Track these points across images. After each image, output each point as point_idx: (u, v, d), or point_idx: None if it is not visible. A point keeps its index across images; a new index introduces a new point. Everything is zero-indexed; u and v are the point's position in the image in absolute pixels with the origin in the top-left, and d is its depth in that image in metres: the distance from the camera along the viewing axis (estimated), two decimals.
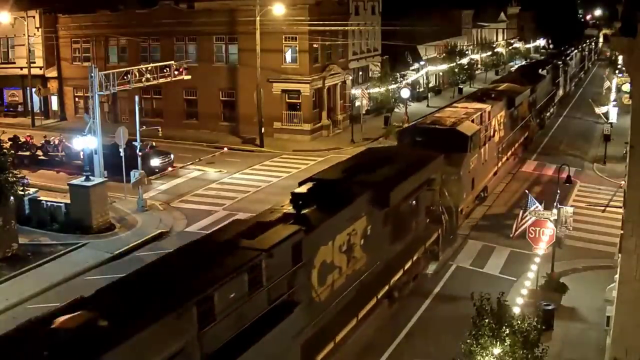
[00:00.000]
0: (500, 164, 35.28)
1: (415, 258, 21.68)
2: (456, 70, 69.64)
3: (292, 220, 15.69)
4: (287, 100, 47.82)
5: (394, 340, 19.40)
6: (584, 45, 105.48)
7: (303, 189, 18.28)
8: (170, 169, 38.36)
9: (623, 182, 22.84)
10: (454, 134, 27.34)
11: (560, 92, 62.73)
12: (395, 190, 19.29)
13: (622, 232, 15.75)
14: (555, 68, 58.72)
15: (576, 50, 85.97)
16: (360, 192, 18.14)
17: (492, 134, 33.13)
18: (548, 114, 54.78)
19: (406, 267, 21.00)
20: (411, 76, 60.06)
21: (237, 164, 40.01)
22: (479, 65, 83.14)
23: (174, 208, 32.04)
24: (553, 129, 53.58)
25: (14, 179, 25.21)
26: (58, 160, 38.53)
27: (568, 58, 72.08)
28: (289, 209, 16.73)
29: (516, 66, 72.68)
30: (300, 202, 16.93)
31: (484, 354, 14.16)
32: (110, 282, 12.92)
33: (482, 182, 31.39)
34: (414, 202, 21.74)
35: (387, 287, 19.60)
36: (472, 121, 29.87)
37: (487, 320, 14.35)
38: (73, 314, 10.89)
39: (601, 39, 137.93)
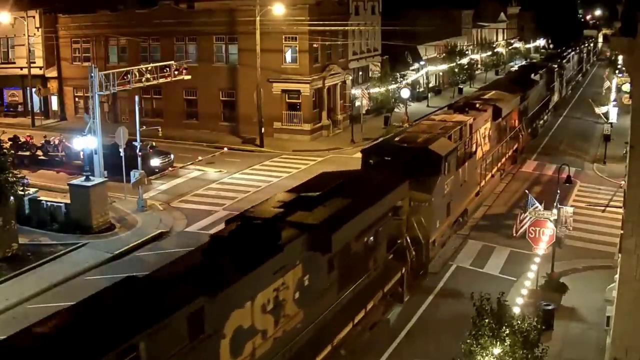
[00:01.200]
0: (483, 182, 32.03)
1: (370, 306, 18.49)
2: (456, 70, 69.65)
3: (195, 277, 12.86)
4: (287, 100, 47.82)
5: (394, 340, 19.41)
6: (582, 46, 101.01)
7: (224, 231, 15.39)
8: (170, 169, 38.36)
9: (623, 182, 22.85)
10: (425, 154, 23.72)
11: (556, 97, 59.17)
12: (341, 232, 16.02)
13: (622, 232, 15.74)
14: (549, 72, 54.87)
15: (573, 52, 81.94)
16: (294, 235, 14.98)
17: (474, 149, 29.96)
18: (542, 121, 51.53)
19: (357, 319, 17.75)
20: (411, 76, 60.05)
21: (237, 164, 40.01)
22: (479, 65, 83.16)
23: (174, 208, 32.04)
24: (553, 129, 53.58)
25: (14, 179, 25.21)
26: (58, 160, 38.53)
27: (564, 60, 68.66)
28: (200, 259, 14.00)
29: (516, 66, 72.30)
30: (215, 249, 14.21)
31: (484, 354, 14.16)
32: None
33: (460, 206, 27.43)
34: (371, 238, 18.55)
35: (329, 347, 16.28)
36: (450, 137, 26.42)
37: (487, 320, 14.35)
38: None
39: (600, 40, 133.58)
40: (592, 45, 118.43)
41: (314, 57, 47.33)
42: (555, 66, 59.15)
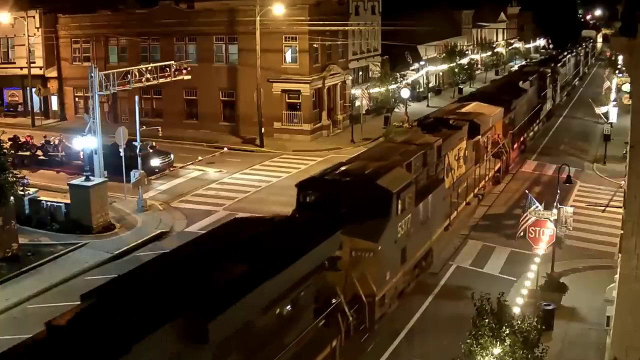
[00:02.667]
0: (456, 212, 27.17)
1: None
2: (456, 70, 69.67)
3: None
4: (287, 100, 47.82)
5: (394, 340, 19.40)
6: (579, 48, 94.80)
7: (61, 319, 11.16)
8: (170, 169, 38.36)
9: (623, 182, 22.84)
10: (372, 190, 19.23)
11: (548, 105, 54.15)
12: (226, 315, 11.83)
13: (622, 232, 15.74)
14: (541, 78, 49.81)
15: (570, 55, 76.34)
16: (157, 324, 10.83)
17: (443, 175, 25.52)
18: (532, 132, 46.85)
19: None
20: (411, 76, 60.05)
21: (237, 164, 40.00)
22: (479, 65, 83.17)
23: (174, 208, 32.04)
24: (553, 129, 53.59)
25: (14, 179, 25.18)
26: (58, 160, 38.53)
27: (559, 64, 63.27)
28: None
29: (516, 66, 72.29)
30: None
31: (484, 354, 14.15)
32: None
33: (421, 248, 22.55)
34: (288, 307, 14.45)
35: None
36: (409, 166, 22.06)
37: (487, 320, 14.34)
38: None
39: (599, 41, 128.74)
40: (590, 47, 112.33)
41: (314, 57, 47.33)
42: (549, 71, 54.29)
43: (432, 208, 23.13)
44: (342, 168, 21.38)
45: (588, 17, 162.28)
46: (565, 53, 76.35)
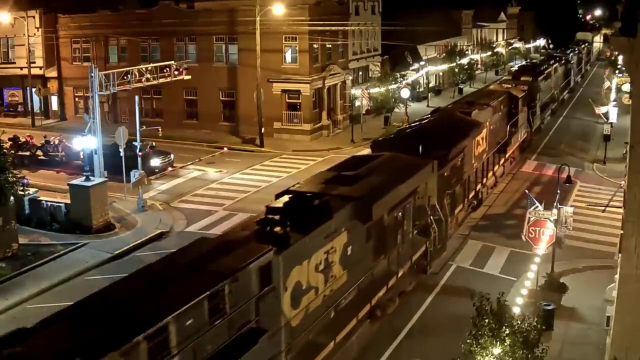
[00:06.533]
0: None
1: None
2: (456, 70, 69.70)
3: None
4: (287, 100, 47.82)
5: (394, 340, 19.40)
6: (570, 53, 76.78)
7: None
8: (170, 169, 38.36)
9: (623, 182, 22.83)
10: None
11: (522, 134, 41.11)
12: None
13: (622, 232, 15.75)
14: (511, 101, 37.90)
15: (557, 64, 60.27)
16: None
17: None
18: (491, 180, 34.61)
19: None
20: (411, 76, 60.04)
21: (237, 164, 40.01)
22: (479, 65, 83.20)
23: (174, 208, 32.04)
24: (553, 129, 53.58)
25: (14, 179, 25.20)
26: (58, 160, 38.54)
27: (541, 78, 49.14)
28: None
29: (515, 66, 71.34)
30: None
31: (484, 354, 14.16)
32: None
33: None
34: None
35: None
36: None
37: (487, 320, 14.35)
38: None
39: (596, 42, 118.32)
40: (584, 51, 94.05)
41: (314, 57, 47.34)
42: (523, 90, 40.84)
43: None
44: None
45: (588, 17, 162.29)
46: (552, 61, 59.87)
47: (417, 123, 31.18)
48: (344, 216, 16.94)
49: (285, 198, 17.22)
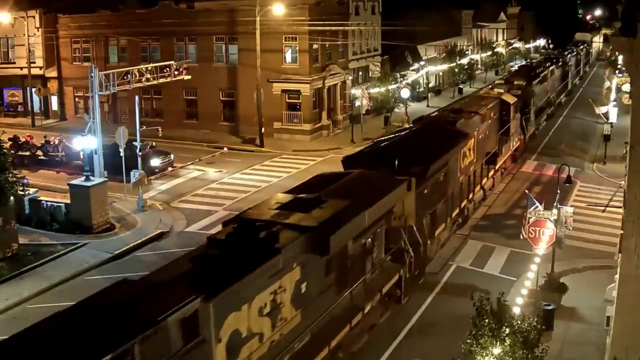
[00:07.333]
0: None
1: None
2: (456, 70, 69.70)
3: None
4: (287, 100, 47.82)
5: (394, 340, 19.40)
6: (568, 55, 74.46)
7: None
8: (170, 169, 38.36)
9: (623, 182, 22.84)
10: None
11: (513, 142, 38.70)
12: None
13: (622, 232, 15.75)
14: (503, 107, 35.48)
15: (554, 66, 58.74)
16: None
17: None
18: (479, 195, 32.10)
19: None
20: (411, 76, 60.05)
21: (237, 164, 40.00)
22: (479, 65, 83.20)
23: (174, 208, 32.04)
24: (553, 129, 53.58)
25: (14, 179, 25.19)
26: (58, 160, 38.53)
27: (536, 81, 47.17)
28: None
29: (516, 66, 71.10)
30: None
31: (484, 354, 14.16)
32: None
33: None
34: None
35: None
36: None
37: (487, 320, 14.35)
38: None
39: (596, 42, 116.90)
40: (583, 52, 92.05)
41: (314, 57, 47.34)
42: (516, 95, 38.96)
43: None
44: None
45: (588, 17, 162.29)
46: (548, 63, 58.75)
47: (396, 135, 28.42)
48: (296, 250, 14.70)
49: (230, 228, 15.18)
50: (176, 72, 40.62)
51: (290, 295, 14.75)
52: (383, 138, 29.38)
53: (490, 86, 48.70)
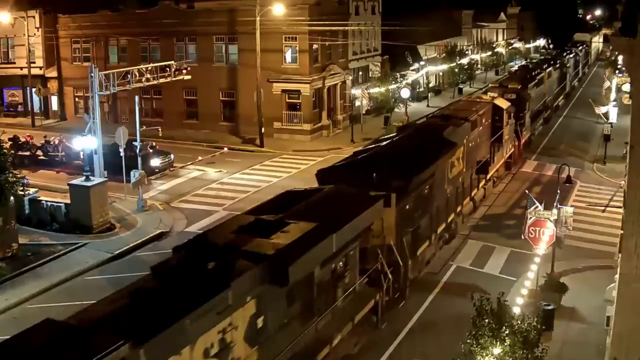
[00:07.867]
0: None
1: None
2: (456, 70, 69.73)
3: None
4: (287, 100, 47.83)
5: (394, 340, 19.40)
6: (567, 56, 72.96)
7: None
8: (170, 169, 38.35)
9: (623, 182, 22.84)
10: None
11: (507, 148, 37.19)
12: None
13: (622, 232, 15.75)
14: (495, 115, 33.93)
15: (552, 68, 57.44)
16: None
17: None
18: (469, 207, 30.29)
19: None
20: (411, 76, 60.08)
21: (237, 164, 40.00)
22: (479, 65, 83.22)
23: (174, 208, 32.04)
24: (553, 129, 53.58)
25: (14, 179, 25.16)
26: (58, 160, 38.53)
27: (532, 84, 45.94)
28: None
29: (516, 66, 71.03)
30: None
31: (484, 354, 14.16)
32: None
33: None
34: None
35: None
36: None
37: (487, 320, 14.35)
38: None
39: (597, 41, 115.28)
40: (582, 52, 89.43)
41: (314, 57, 47.34)
42: (510, 100, 37.85)
43: None
44: None
45: (588, 17, 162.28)
46: (545, 65, 57.45)
47: (377, 145, 26.64)
48: (249, 282, 13.25)
49: (178, 256, 14.19)
50: (176, 72, 40.52)
51: (244, 333, 13.33)
52: (362, 149, 26.92)
53: (483, 90, 47.12)
